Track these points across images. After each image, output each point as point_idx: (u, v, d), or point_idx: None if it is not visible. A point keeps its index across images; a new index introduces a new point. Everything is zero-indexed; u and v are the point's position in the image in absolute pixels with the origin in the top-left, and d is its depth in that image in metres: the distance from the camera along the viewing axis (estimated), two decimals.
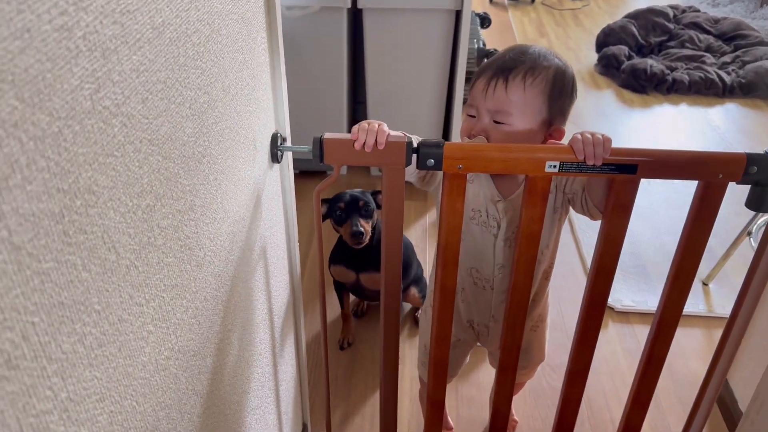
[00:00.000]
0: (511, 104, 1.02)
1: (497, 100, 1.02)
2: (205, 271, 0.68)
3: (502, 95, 1.02)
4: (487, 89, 1.02)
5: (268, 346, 1.03)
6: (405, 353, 1.75)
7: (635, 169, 0.96)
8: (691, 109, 3.31)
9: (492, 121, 1.03)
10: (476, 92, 1.04)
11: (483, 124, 1.04)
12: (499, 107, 1.02)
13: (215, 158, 0.69)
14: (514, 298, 1.09)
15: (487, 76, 1.03)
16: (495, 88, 1.02)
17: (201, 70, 0.64)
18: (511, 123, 1.03)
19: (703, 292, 1.94)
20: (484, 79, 1.04)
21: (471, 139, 1.05)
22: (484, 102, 1.03)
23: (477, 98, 1.04)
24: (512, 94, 1.02)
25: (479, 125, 1.04)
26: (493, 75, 1.03)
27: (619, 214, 1.01)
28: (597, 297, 1.10)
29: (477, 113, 1.04)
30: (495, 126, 1.03)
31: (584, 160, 0.94)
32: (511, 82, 1.02)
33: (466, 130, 1.06)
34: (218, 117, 0.70)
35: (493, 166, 0.97)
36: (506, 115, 1.02)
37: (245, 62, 0.80)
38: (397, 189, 1.01)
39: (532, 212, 1.01)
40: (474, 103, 1.05)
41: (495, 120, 1.03)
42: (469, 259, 1.17)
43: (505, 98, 1.02)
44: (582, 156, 0.94)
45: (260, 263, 0.94)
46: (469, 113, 1.06)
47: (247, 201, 0.85)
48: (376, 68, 2.32)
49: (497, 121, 1.03)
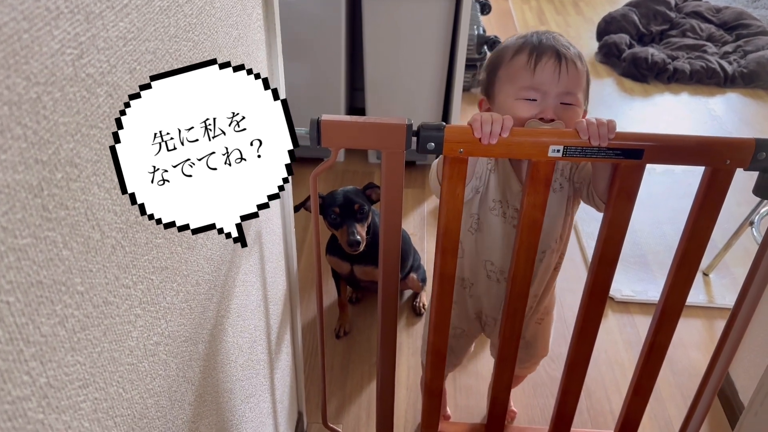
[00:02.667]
0: (579, 85, 1.02)
1: (570, 81, 1.00)
2: (197, 253, 0.65)
3: (575, 75, 1.01)
4: (560, 70, 0.99)
5: (263, 333, 1.01)
6: (402, 342, 1.73)
7: (641, 154, 0.94)
8: (692, 98, 3.28)
9: (560, 104, 1.01)
10: (544, 74, 1.00)
11: (551, 106, 1.00)
12: (571, 88, 1.01)
13: None
14: (514, 288, 1.07)
15: (551, 57, 1.00)
16: (568, 69, 1.00)
17: (193, 42, 0.61)
18: (578, 103, 1.02)
19: (704, 283, 1.93)
20: (548, 60, 1.00)
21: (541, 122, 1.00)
22: (557, 84, 1.00)
23: (546, 80, 1.00)
24: (580, 75, 1.02)
25: (548, 109, 1.00)
26: (558, 56, 1.00)
27: (624, 201, 0.99)
28: (599, 286, 1.08)
29: (543, 96, 1.00)
30: (564, 108, 1.01)
31: (589, 140, 0.91)
32: (578, 63, 1.01)
33: (527, 114, 1.00)
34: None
35: (496, 150, 0.94)
36: (575, 97, 1.01)
37: (240, 38, 0.77)
38: (396, 174, 0.98)
39: (534, 199, 0.99)
40: (539, 86, 1.00)
41: (563, 102, 1.01)
42: (484, 251, 1.15)
43: (577, 79, 1.01)
44: (586, 136, 0.91)
45: (255, 248, 0.91)
46: (528, 97, 1.01)
47: None
48: (375, 53, 2.28)
49: (566, 103, 1.01)
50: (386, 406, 1.22)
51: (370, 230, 1.56)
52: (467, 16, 2.15)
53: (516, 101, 1.02)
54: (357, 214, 1.50)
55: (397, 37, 2.23)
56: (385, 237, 1.01)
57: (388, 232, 1.00)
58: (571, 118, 1.00)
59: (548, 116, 1.00)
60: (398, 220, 1.00)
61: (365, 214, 1.52)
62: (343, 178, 2.46)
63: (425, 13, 2.18)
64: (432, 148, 0.95)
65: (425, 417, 1.25)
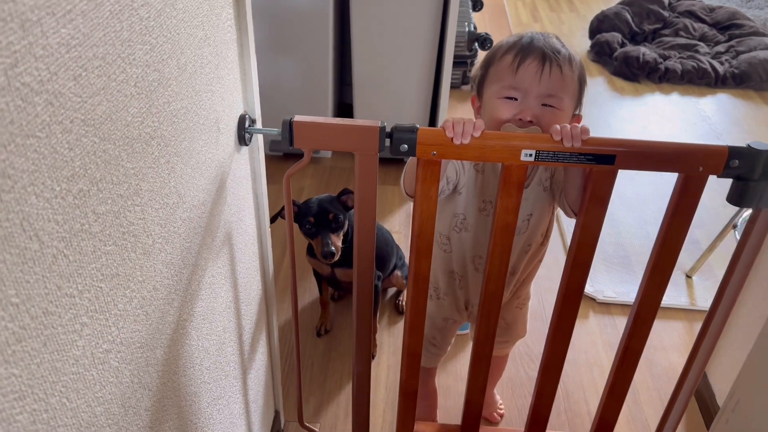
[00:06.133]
0: (565, 88, 1.01)
1: (553, 83, 0.99)
2: (155, 258, 0.65)
3: (558, 78, 1.00)
4: (542, 71, 0.99)
5: (233, 334, 1.00)
6: (384, 341, 1.73)
7: (613, 159, 0.93)
8: (682, 98, 3.28)
9: (541, 105, 1.00)
10: (526, 74, 0.99)
11: (531, 107, 1.00)
12: (554, 91, 1.00)
13: (167, 140, 0.66)
14: (488, 289, 1.07)
15: (536, 59, 0.99)
16: (551, 71, 0.99)
17: (150, 45, 0.60)
18: (562, 107, 1.01)
19: (686, 285, 1.93)
20: (533, 61, 0.99)
21: (517, 124, 1.00)
22: (537, 85, 0.99)
23: (527, 81, 0.99)
24: (566, 78, 1.00)
25: (528, 110, 1.00)
26: (543, 58, 0.99)
27: (596, 206, 0.98)
28: (572, 289, 1.07)
29: (523, 97, 1.00)
30: (544, 110, 1.00)
31: (561, 141, 0.91)
32: (564, 65, 1.00)
33: (507, 114, 1.01)
34: (171, 96, 0.66)
35: (469, 153, 0.94)
36: (558, 100, 1.00)
37: (206, 39, 0.77)
38: (370, 176, 0.97)
39: (507, 202, 0.98)
40: (520, 86, 1.00)
41: (545, 104, 1.00)
42: (473, 248, 1.16)
43: (561, 82, 1.00)
44: (559, 137, 0.91)
45: (224, 250, 0.91)
46: (508, 95, 1.01)
47: (208, 185, 0.82)
48: (363, 49, 2.27)
49: (547, 105, 1.00)
50: (362, 407, 1.22)
51: (348, 236, 1.55)
52: (455, 12, 2.14)
53: (498, 100, 1.02)
54: (332, 224, 1.49)
55: (385, 32, 2.22)
56: (359, 239, 1.00)
57: (362, 233, 1.00)
58: (550, 122, 1.00)
59: (526, 117, 1.00)
60: (372, 222, 1.00)
61: (340, 223, 1.51)
62: (330, 174, 2.46)
63: (413, 9, 2.17)
64: (405, 150, 0.95)
65: (400, 417, 1.25)
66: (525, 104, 1.00)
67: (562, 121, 1.02)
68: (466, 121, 0.91)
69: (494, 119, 1.02)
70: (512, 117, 1.01)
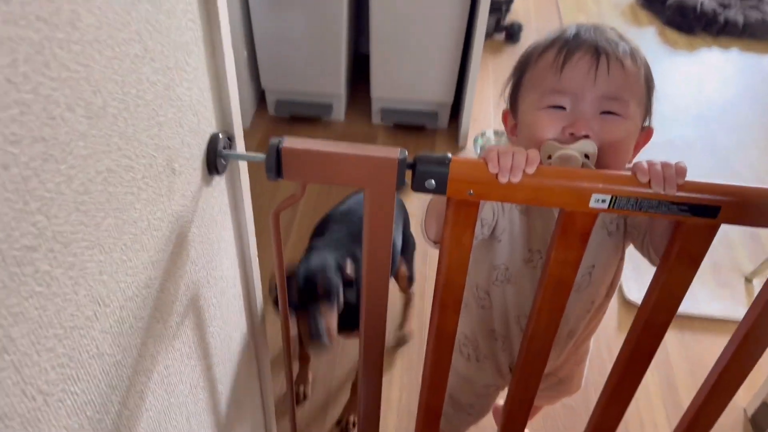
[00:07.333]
0: (630, 88, 0.75)
1: (614, 82, 0.73)
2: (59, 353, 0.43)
3: (620, 75, 0.74)
4: (598, 67, 0.73)
5: (207, 424, 0.80)
6: (396, 359, 1.53)
7: (716, 212, 0.69)
8: (742, 55, 2.92)
9: (600, 114, 0.74)
10: (575, 73, 0.74)
11: (585, 117, 0.74)
12: (616, 92, 0.74)
13: (66, 240, 0.43)
14: (531, 348, 0.85)
15: (587, 52, 0.74)
16: (609, 67, 0.73)
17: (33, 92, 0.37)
18: (627, 114, 0.75)
19: (746, 292, 1.69)
20: (584, 55, 0.74)
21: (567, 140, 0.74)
22: (592, 85, 0.73)
23: (577, 81, 0.74)
24: (630, 75, 0.75)
25: (582, 120, 0.73)
26: (596, 51, 0.74)
27: (684, 266, 0.75)
28: (640, 353, 0.85)
29: (573, 103, 0.74)
30: (605, 119, 0.74)
31: (649, 184, 0.66)
32: (625, 59, 0.74)
33: (552, 129, 0.75)
34: (84, 154, 0.43)
35: (518, 194, 0.70)
36: (623, 104, 0.74)
37: (146, 54, 0.52)
38: (383, 218, 0.74)
39: (566, 255, 0.75)
40: (569, 89, 0.74)
41: (605, 110, 0.74)
42: (518, 305, 0.91)
43: (624, 80, 0.74)
44: (646, 178, 0.67)
45: (188, 320, 0.69)
46: (553, 104, 0.75)
47: (156, 256, 0.59)
48: (383, 13, 1.97)
49: (608, 112, 0.74)
50: None
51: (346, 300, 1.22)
52: None
53: (539, 111, 0.77)
54: (321, 298, 1.16)
55: None
56: (367, 298, 0.78)
57: (371, 291, 0.78)
58: (614, 136, 0.74)
59: (580, 131, 0.73)
60: (385, 276, 0.77)
61: (334, 293, 1.17)
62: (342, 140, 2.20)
63: None
64: (432, 187, 0.71)
65: None
66: (577, 113, 0.74)
67: (631, 134, 0.76)
68: (516, 152, 0.66)
69: (536, 138, 0.76)
70: (561, 132, 0.75)
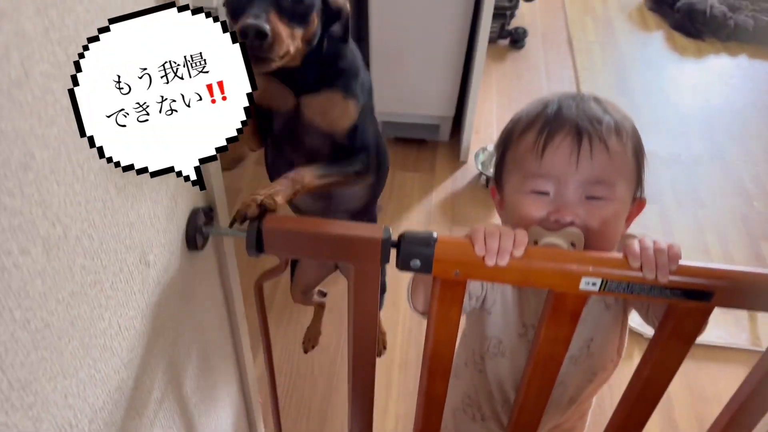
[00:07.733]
0: (615, 170, 0.72)
1: (598, 165, 0.71)
2: None
3: (604, 158, 0.71)
4: (579, 152, 0.70)
5: None
6: (392, 380, 1.52)
7: (710, 297, 0.67)
8: (751, 62, 2.87)
9: (585, 198, 0.71)
10: (556, 158, 0.71)
11: (570, 203, 0.71)
12: (600, 175, 0.71)
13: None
14: (521, 420, 0.83)
15: (567, 135, 0.71)
16: (592, 150, 0.70)
17: None
18: (614, 197, 0.72)
19: (749, 317, 1.66)
20: (564, 138, 0.71)
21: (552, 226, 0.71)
22: (575, 170, 0.70)
23: (559, 167, 0.71)
24: (615, 156, 0.71)
25: (566, 208, 0.71)
26: (577, 132, 0.71)
27: (676, 344, 0.73)
28: (631, 424, 0.83)
29: (557, 189, 0.72)
30: (591, 205, 0.71)
31: (641, 269, 0.64)
32: (609, 138, 0.71)
33: (536, 214, 0.72)
34: (42, 291, 0.41)
35: (506, 276, 0.68)
36: (608, 187, 0.71)
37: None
38: (368, 294, 0.72)
39: (556, 333, 0.73)
40: (551, 174, 0.71)
41: (590, 195, 0.71)
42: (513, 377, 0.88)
43: (608, 162, 0.71)
44: (638, 263, 0.64)
45: (166, 403, 0.68)
46: (536, 189, 0.73)
47: (131, 343, 0.57)
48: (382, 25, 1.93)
49: (593, 197, 0.72)
50: None
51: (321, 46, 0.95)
52: None
53: (522, 195, 0.74)
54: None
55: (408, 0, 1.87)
56: (355, 374, 0.76)
57: (359, 368, 0.76)
58: (601, 220, 0.71)
59: (565, 218, 0.71)
60: (372, 355, 0.75)
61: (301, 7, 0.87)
62: None
63: None
64: (417, 267, 0.69)
65: None
66: (561, 198, 0.71)
67: (619, 215, 0.73)
68: (504, 233, 0.64)
69: (521, 221, 0.73)
70: (546, 218, 0.72)
